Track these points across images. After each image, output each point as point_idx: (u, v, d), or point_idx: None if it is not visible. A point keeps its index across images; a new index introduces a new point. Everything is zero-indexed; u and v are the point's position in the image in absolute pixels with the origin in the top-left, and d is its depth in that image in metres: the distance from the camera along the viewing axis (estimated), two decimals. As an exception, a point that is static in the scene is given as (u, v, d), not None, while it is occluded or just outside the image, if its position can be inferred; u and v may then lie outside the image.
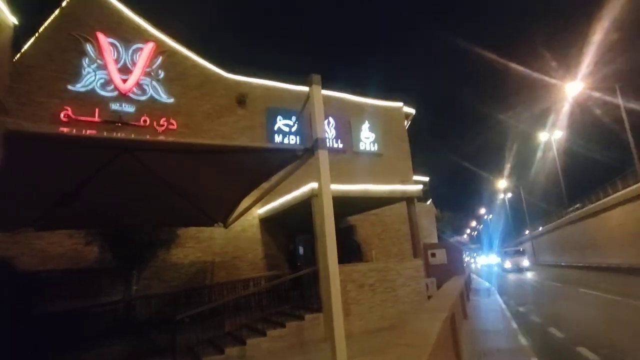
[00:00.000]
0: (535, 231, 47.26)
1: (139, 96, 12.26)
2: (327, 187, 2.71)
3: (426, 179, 24.72)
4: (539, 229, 45.78)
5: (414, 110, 19.39)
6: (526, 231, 51.85)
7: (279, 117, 14.64)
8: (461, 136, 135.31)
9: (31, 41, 11.09)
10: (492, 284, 20.52)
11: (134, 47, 12.47)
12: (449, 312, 4.33)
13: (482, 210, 73.23)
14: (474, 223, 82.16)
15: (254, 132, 14.07)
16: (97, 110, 11.46)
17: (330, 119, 15.70)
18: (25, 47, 10.97)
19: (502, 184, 53.24)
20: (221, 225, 4.80)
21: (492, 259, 55.04)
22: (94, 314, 9.36)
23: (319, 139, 2.77)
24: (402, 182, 13.25)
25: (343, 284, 8.60)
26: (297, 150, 2.98)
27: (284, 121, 14.68)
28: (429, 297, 10.34)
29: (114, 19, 12.45)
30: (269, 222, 13.35)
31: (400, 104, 18.74)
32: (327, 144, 3.61)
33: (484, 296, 14.42)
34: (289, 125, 14.60)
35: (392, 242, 16.20)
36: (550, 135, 36.29)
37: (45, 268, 9.64)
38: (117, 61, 12.11)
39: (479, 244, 75.24)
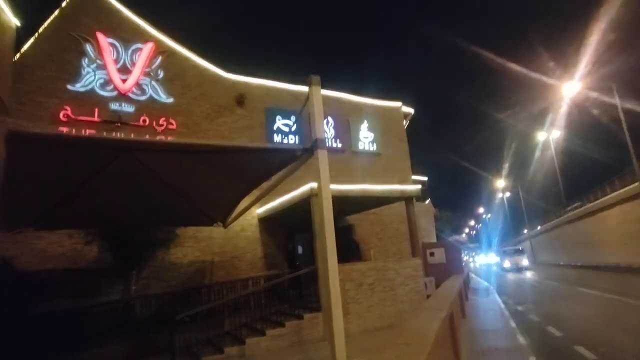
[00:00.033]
0: (534, 230, 47.29)
1: (138, 96, 12.26)
2: (326, 187, 2.73)
3: (425, 179, 24.79)
4: (538, 228, 45.80)
5: (412, 110, 19.38)
6: (525, 230, 51.90)
7: (278, 117, 14.64)
8: (460, 136, 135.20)
9: (31, 41, 11.09)
10: (491, 283, 20.49)
11: (133, 47, 12.47)
12: (447, 311, 4.34)
13: (481, 210, 73.33)
14: (472, 222, 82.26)
15: (253, 132, 14.07)
16: (96, 110, 11.46)
17: (329, 119, 15.70)
18: (25, 47, 10.97)
19: (500, 183, 53.27)
20: (220, 224, 4.82)
21: (491, 258, 55.02)
22: (93, 313, 9.37)
23: (319, 139, 2.79)
24: (400, 181, 13.26)
25: (342, 283, 8.60)
26: (296, 150, 3.00)
27: (283, 121, 14.68)
28: (428, 296, 10.34)
29: (114, 19, 12.45)
30: (268, 221, 13.35)
31: (399, 103, 18.74)
32: (326, 144, 3.62)
33: (483, 295, 14.43)
34: (288, 125, 14.60)
35: (390, 242, 16.23)
36: (549, 135, 36.33)
37: (45, 268, 9.65)
38: (116, 61, 12.11)
39: (478, 243, 75.23)
